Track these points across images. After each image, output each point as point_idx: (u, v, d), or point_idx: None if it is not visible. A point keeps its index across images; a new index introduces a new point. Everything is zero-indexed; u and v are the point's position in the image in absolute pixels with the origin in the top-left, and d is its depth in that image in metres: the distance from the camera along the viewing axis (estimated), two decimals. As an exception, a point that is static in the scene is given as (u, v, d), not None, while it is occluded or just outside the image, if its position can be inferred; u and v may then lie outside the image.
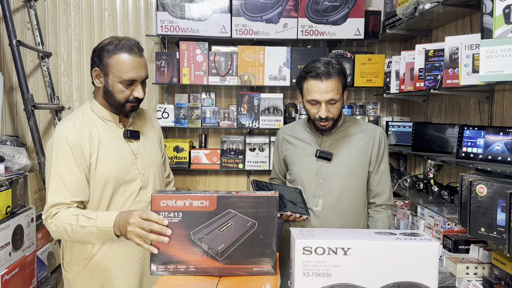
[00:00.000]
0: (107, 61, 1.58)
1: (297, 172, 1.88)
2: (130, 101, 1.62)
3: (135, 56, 1.58)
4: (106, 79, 1.60)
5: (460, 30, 2.46)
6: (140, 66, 1.60)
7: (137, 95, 1.61)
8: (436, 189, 2.33)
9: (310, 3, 2.95)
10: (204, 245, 1.29)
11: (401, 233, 1.39)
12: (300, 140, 1.90)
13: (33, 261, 2.48)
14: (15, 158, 2.51)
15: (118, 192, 1.63)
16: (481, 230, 1.68)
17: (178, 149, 3.08)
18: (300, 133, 1.92)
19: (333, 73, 1.70)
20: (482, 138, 1.92)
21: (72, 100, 3.21)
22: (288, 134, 1.96)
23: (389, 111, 3.39)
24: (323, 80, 1.69)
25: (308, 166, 1.85)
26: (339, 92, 1.73)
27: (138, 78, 1.60)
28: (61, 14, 3.16)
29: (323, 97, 1.70)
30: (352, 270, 1.29)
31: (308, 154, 1.85)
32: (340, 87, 1.73)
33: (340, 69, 1.73)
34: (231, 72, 3.01)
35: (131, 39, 1.63)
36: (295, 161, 1.90)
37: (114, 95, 1.60)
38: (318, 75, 1.69)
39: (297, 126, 1.96)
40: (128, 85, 1.59)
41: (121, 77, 1.57)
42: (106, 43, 1.60)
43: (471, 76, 1.86)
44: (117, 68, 1.57)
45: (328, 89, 1.69)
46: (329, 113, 1.74)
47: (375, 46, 3.35)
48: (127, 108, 1.64)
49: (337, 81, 1.72)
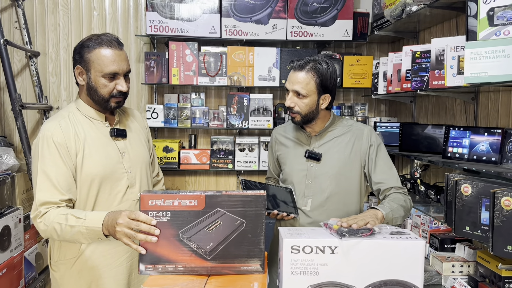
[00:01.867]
0: (87, 57, 1.59)
1: (288, 172, 1.90)
2: (114, 96, 1.62)
3: (115, 49, 1.60)
4: (88, 75, 1.60)
5: (447, 32, 2.49)
6: (121, 59, 1.61)
7: (120, 88, 1.62)
8: (422, 189, 2.36)
9: (299, 5, 2.97)
10: (192, 244, 1.30)
11: (388, 232, 1.41)
12: (291, 141, 1.92)
13: (20, 262, 2.46)
14: (2, 158, 2.49)
15: (105, 190, 1.63)
16: (466, 229, 1.71)
17: (167, 149, 3.08)
18: (292, 133, 1.94)
19: (308, 69, 1.75)
20: (468, 138, 1.96)
21: (60, 100, 3.19)
22: (281, 134, 1.98)
23: (377, 111, 3.42)
24: (296, 71, 1.78)
25: (298, 166, 1.86)
26: (307, 88, 1.75)
27: (120, 71, 1.61)
28: (49, 13, 3.14)
29: (290, 86, 1.79)
30: (340, 269, 1.31)
31: (299, 154, 1.87)
32: (312, 84, 1.76)
33: (316, 68, 1.75)
34: (220, 72, 3.02)
35: (110, 34, 1.64)
36: (286, 161, 1.92)
37: (98, 90, 1.60)
38: (293, 67, 1.80)
39: (289, 127, 1.98)
40: (111, 79, 1.60)
41: (103, 71, 1.58)
42: (86, 40, 1.62)
43: (456, 78, 1.90)
44: (98, 62, 1.58)
45: (296, 80, 1.76)
46: (295, 105, 1.78)
47: (364, 47, 3.39)
48: (111, 104, 1.64)
49: (309, 78, 1.75)
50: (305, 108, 1.78)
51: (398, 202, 1.72)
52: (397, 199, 1.74)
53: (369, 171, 1.84)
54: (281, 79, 3.03)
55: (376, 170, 1.82)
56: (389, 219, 1.64)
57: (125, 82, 1.64)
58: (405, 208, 1.73)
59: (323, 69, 1.76)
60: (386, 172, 1.82)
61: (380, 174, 1.81)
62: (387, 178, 1.81)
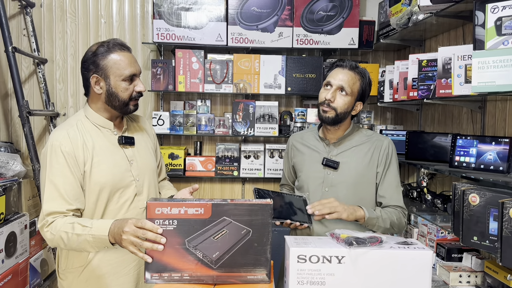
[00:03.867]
0: (104, 64, 1.59)
1: (304, 179, 1.89)
2: (133, 98, 1.65)
3: (127, 52, 1.64)
4: (107, 81, 1.61)
5: (453, 40, 2.49)
6: (134, 60, 1.66)
7: (139, 89, 1.66)
8: (429, 198, 2.34)
9: (305, 13, 2.98)
10: (198, 253, 1.30)
11: (395, 242, 1.40)
12: (308, 148, 1.92)
13: (26, 268, 2.47)
14: (9, 164, 2.50)
15: (113, 198, 1.63)
16: (473, 239, 1.70)
17: (173, 156, 3.08)
18: (310, 141, 1.93)
19: (358, 71, 1.81)
20: (475, 147, 1.95)
21: (67, 107, 3.21)
22: (298, 141, 1.98)
23: (382, 119, 3.42)
24: (345, 69, 1.80)
25: (314, 173, 1.86)
26: (353, 87, 1.79)
27: (137, 72, 1.66)
28: (57, 21, 3.17)
29: (336, 81, 1.79)
30: (346, 279, 1.30)
31: (316, 161, 1.86)
32: (357, 85, 1.80)
33: (363, 74, 1.82)
34: (226, 80, 3.03)
35: (116, 39, 1.67)
36: (303, 168, 1.91)
37: (119, 95, 1.62)
38: (341, 65, 1.82)
39: (307, 134, 1.97)
40: (130, 81, 1.63)
41: (122, 75, 1.60)
42: (96, 48, 1.62)
43: (463, 86, 1.89)
44: (117, 67, 1.60)
45: (344, 76, 1.79)
46: (334, 100, 1.78)
47: (369, 55, 3.39)
48: (130, 107, 1.66)
49: (356, 78, 1.80)
50: (343, 106, 1.78)
51: (390, 215, 1.76)
52: (391, 213, 1.78)
53: (377, 182, 1.84)
54: (286, 86, 3.03)
55: (383, 183, 1.82)
56: (370, 224, 1.71)
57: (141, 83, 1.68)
58: (393, 224, 1.76)
59: (367, 78, 1.83)
60: (393, 189, 1.83)
61: (386, 189, 1.82)
62: (392, 195, 1.82)
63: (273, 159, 3.15)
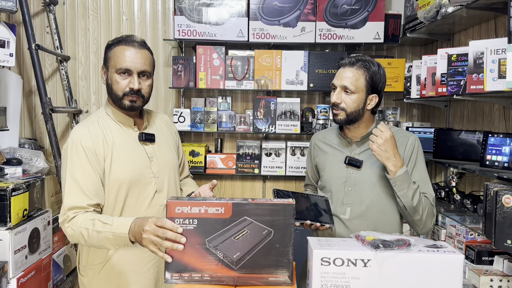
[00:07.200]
0: (108, 55, 1.62)
1: (327, 178, 1.84)
2: (127, 94, 1.60)
3: (133, 48, 1.60)
4: (107, 73, 1.63)
5: (484, 34, 2.39)
6: (137, 57, 1.59)
7: (131, 86, 1.59)
8: (458, 198, 2.25)
9: (329, 7, 2.91)
10: (219, 253, 1.26)
11: (424, 245, 1.33)
12: (331, 147, 1.86)
13: (49, 264, 2.49)
14: (33, 161, 2.53)
15: (133, 195, 1.62)
16: (507, 242, 1.62)
17: (194, 153, 3.07)
18: (332, 140, 1.88)
19: (359, 66, 1.72)
20: (508, 146, 1.85)
21: (89, 104, 3.23)
22: (320, 140, 1.92)
23: (409, 116, 3.32)
24: (345, 67, 1.74)
25: (337, 173, 1.80)
26: (356, 84, 1.71)
27: (132, 68, 1.58)
28: (79, 18, 3.19)
29: (339, 82, 1.74)
30: (372, 283, 1.25)
31: (338, 160, 1.81)
32: (361, 81, 1.71)
33: (367, 66, 1.72)
34: (247, 76, 2.99)
35: (132, 35, 1.65)
36: (325, 168, 1.86)
37: (113, 87, 1.61)
38: (342, 64, 1.76)
39: (330, 133, 1.92)
40: (124, 76, 1.59)
41: (116, 67, 1.58)
42: (111, 42, 1.64)
43: (497, 82, 1.80)
44: (114, 59, 1.59)
45: (345, 76, 1.72)
46: (341, 101, 1.73)
47: (395, 50, 3.29)
48: (125, 102, 1.60)
49: (359, 74, 1.71)
50: (352, 105, 1.72)
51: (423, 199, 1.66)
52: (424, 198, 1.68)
53: None
54: (309, 82, 2.97)
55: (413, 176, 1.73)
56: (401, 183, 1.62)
57: (138, 81, 1.60)
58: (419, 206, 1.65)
59: (374, 68, 1.73)
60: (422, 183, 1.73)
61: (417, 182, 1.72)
62: (424, 185, 1.72)
63: (295, 157, 3.09)
